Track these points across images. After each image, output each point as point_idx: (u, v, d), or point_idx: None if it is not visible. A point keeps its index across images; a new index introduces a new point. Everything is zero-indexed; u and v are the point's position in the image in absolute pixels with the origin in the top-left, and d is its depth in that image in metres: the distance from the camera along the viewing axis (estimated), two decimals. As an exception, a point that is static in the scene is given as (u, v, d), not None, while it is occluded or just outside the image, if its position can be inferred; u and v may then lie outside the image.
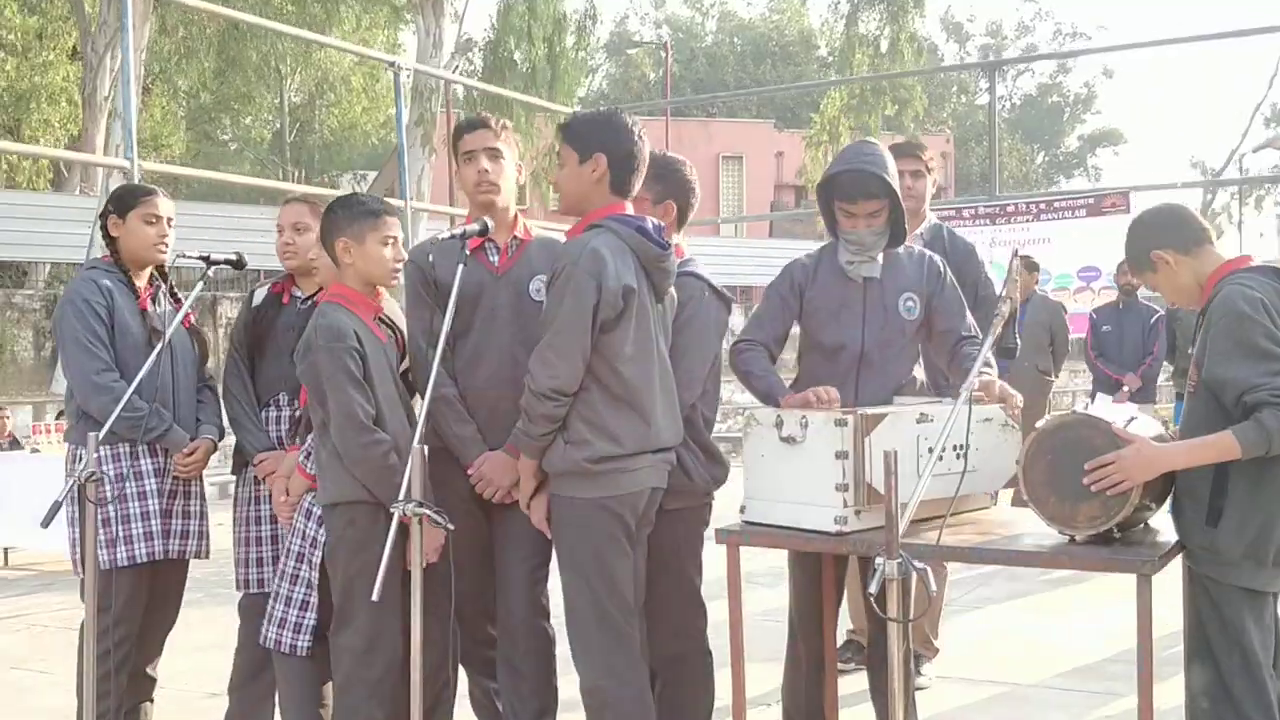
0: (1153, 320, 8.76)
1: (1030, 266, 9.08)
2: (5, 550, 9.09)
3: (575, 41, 22.69)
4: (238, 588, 4.13)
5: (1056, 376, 9.19)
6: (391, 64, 11.72)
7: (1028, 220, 12.14)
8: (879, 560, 2.71)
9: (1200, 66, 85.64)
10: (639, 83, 48.96)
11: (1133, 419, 3.14)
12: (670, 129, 36.32)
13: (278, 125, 38.13)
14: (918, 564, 2.73)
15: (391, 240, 3.62)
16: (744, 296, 32.63)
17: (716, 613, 3.72)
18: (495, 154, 3.75)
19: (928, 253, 4.05)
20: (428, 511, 3.16)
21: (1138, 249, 3.23)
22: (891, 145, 4.37)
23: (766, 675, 4.35)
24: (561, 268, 3.28)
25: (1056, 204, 12.11)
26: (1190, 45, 12.67)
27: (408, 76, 12.41)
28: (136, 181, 9.08)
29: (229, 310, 19.16)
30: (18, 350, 19.12)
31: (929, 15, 32.41)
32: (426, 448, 3.75)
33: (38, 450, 9.08)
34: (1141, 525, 3.15)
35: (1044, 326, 8.94)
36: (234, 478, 4.25)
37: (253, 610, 4.02)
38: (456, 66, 21.58)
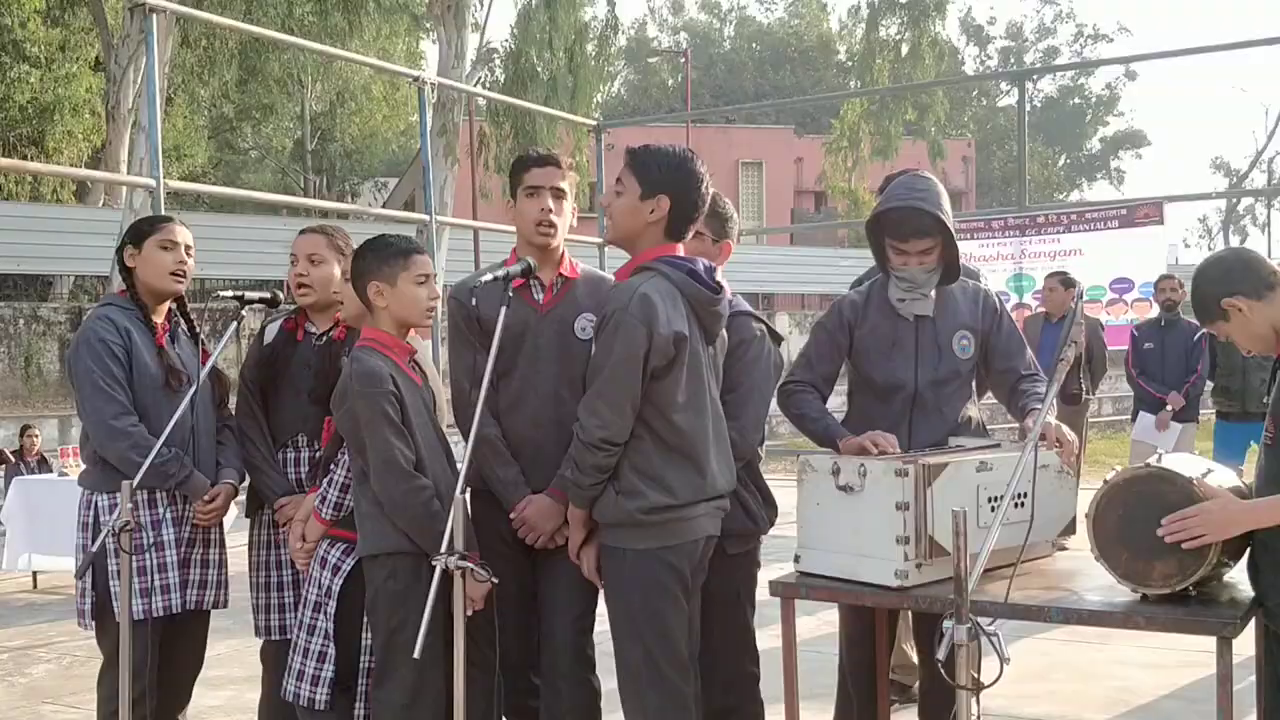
0: (1195, 337, 8.56)
1: (1067, 283, 8.96)
2: (35, 574, 9.03)
3: (596, 50, 22.62)
4: (257, 634, 4.03)
5: (1094, 394, 9.06)
6: (415, 78, 11.63)
7: (1059, 232, 12.00)
8: (947, 624, 2.59)
9: (1224, 66, 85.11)
10: (658, 89, 48.92)
11: (1210, 471, 3.02)
12: (690, 136, 36.35)
13: (299, 134, 38.20)
14: (988, 627, 2.62)
15: (424, 279, 3.52)
16: (765, 304, 32.50)
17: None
18: (560, 194, 3.63)
19: (983, 288, 3.93)
20: (471, 565, 3.07)
21: (1207, 298, 3.07)
22: (898, 173, 4.25)
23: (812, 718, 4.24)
24: (611, 313, 3.17)
25: (1088, 215, 11.97)
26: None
27: (431, 90, 12.33)
28: (162, 199, 9.08)
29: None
30: (44, 364, 19.14)
31: (949, 17, 32.17)
32: (469, 492, 3.68)
33: (65, 474, 9.00)
34: (1216, 581, 3.03)
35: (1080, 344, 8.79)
36: (247, 520, 4.12)
37: (275, 658, 3.92)
38: (478, 79, 21.52)
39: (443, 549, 3.08)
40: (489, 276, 3.35)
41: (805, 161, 40.25)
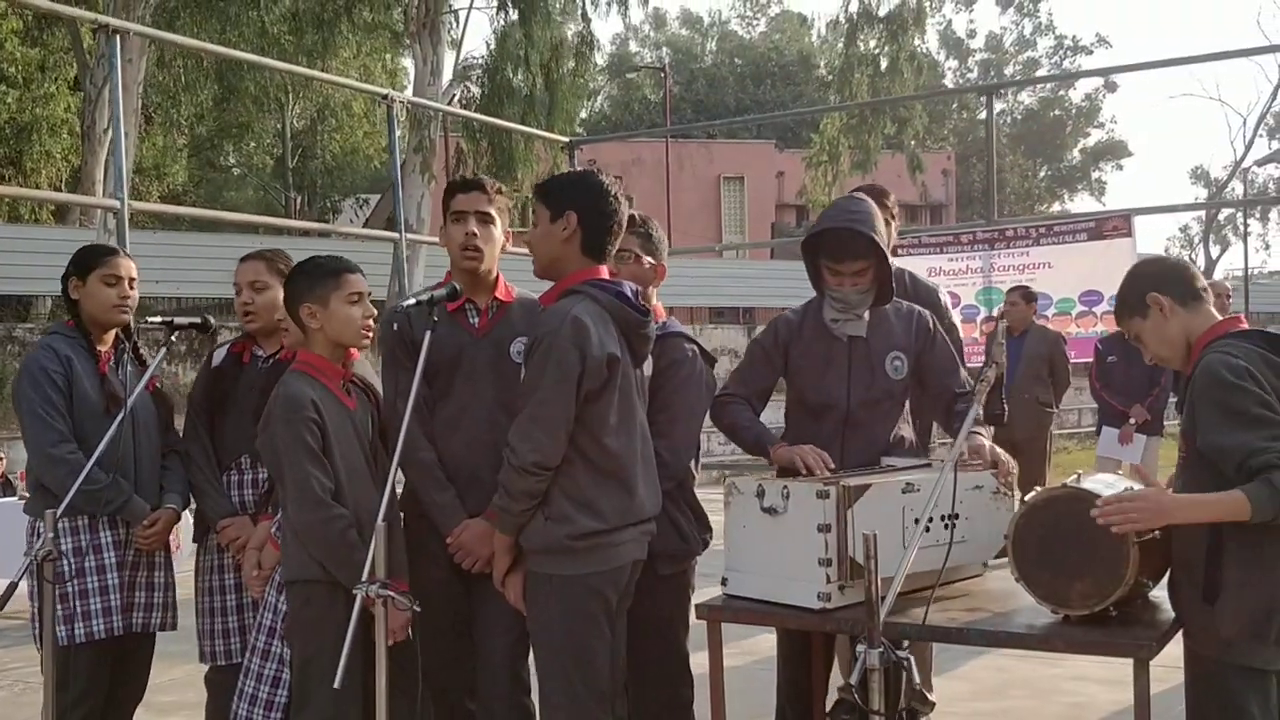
0: (1157, 350, 8.58)
1: (1028, 297, 8.96)
2: (-3, 598, 8.93)
3: (574, 67, 22.63)
4: (202, 659, 4.01)
5: (1057, 408, 9.06)
6: (384, 97, 11.60)
7: (1028, 244, 11.98)
8: (860, 649, 2.59)
9: (1202, 76, 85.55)
10: (640, 104, 48.96)
11: (1128, 489, 3.01)
12: (671, 150, 36.41)
13: (279, 151, 38.15)
14: (901, 653, 2.61)
15: (357, 297, 3.50)
16: (747, 317, 32.53)
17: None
18: (485, 218, 3.62)
19: (916, 309, 3.94)
20: (391, 594, 3.05)
21: (1135, 290, 3.09)
22: (857, 189, 4.29)
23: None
24: (542, 337, 3.16)
25: (1057, 228, 11.95)
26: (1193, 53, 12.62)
27: (401, 108, 12.32)
28: (126, 222, 9.04)
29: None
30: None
31: (928, 31, 32.24)
32: (403, 516, 3.67)
33: (26, 497, 8.93)
34: (1139, 601, 3.02)
35: (1043, 359, 8.81)
36: (194, 545, 4.11)
37: (221, 684, 3.90)
38: (454, 96, 21.52)
39: (363, 577, 3.07)
40: (412, 301, 3.34)
41: (787, 175, 40.34)
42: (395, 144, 11.32)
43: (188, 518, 4.16)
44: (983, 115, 48.64)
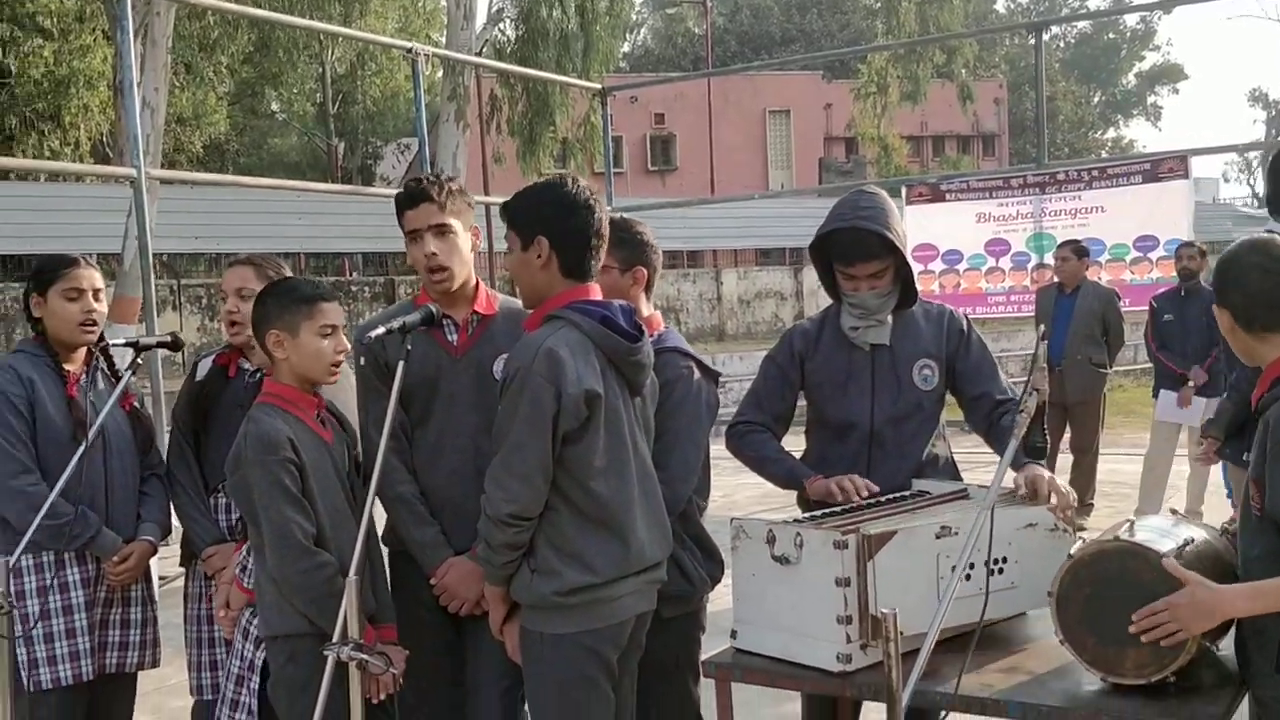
0: (1217, 307, 8.06)
1: (1080, 252, 8.47)
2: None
3: (610, 5, 22.03)
4: (191, 693, 3.77)
5: (1111, 368, 8.59)
6: (408, 50, 11.21)
7: (1080, 188, 11.46)
8: (881, 739, 2.27)
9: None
10: (684, 37, 48.12)
11: (1190, 542, 2.62)
12: (715, 84, 35.65)
13: (320, 97, 37.82)
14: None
15: (330, 330, 3.17)
16: (794, 258, 31.95)
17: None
18: (443, 230, 3.25)
19: (948, 309, 3.55)
20: (365, 657, 2.77)
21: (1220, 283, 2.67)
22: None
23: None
24: (514, 372, 2.81)
25: (1111, 170, 11.41)
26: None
27: (426, 61, 11.93)
28: (144, 191, 8.76)
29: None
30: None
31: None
32: (386, 554, 3.37)
33: None
34: (1200, 665, 2.65)
35: (1096, 316, 8.33)
36: (182, 570, 3.85)
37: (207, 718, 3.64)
38: (487, 39, 21.02)
39: (335, 636, 2.80)
40: (382, 329, 3.00)
41: (835, 107, 39.53)
42: (421, 99, 10.96)
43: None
44: (1034, 41, 47.42)
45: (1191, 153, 10.92)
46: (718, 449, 3.42)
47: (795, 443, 3.55)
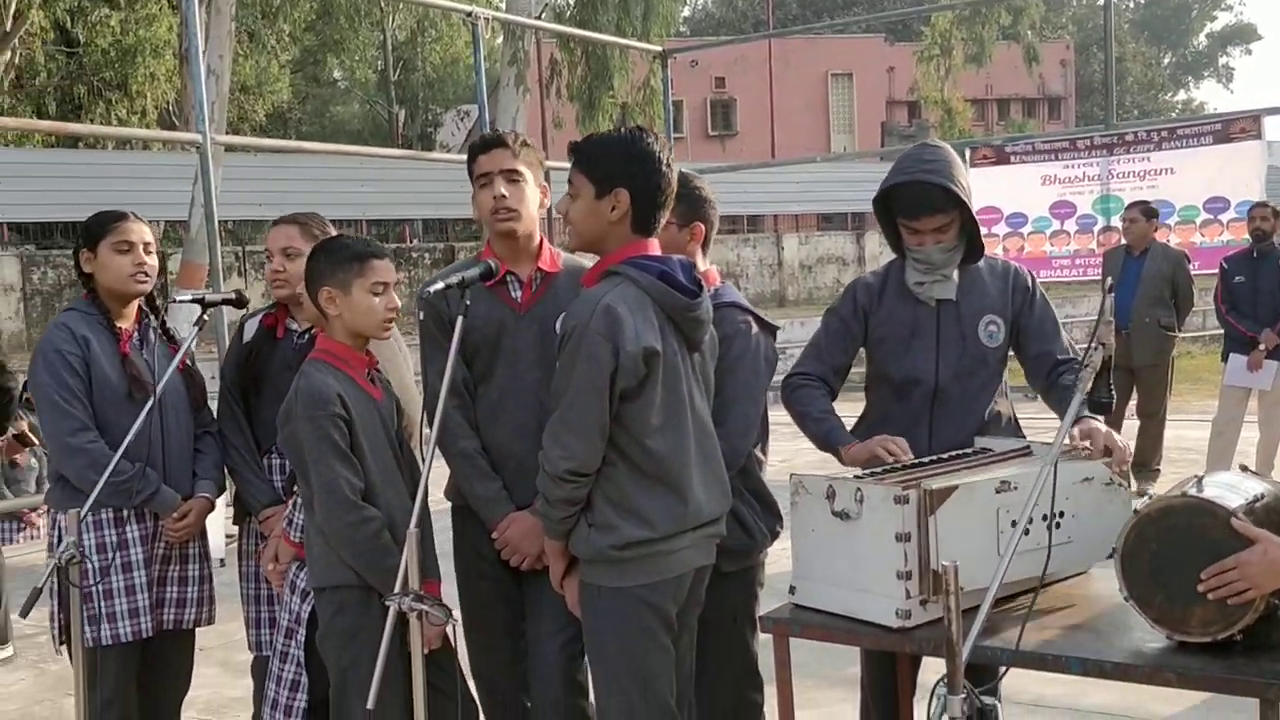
0: (1291, 268, 7.87)
1: (1148, 213, 8.32)
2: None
3: (670, -32, 21.91)
4: (249, 648, 3.82)
5: (1180, 331, 8.45)
6: (468, 14, 11.22)
7: (1149, 149, 11.26)
8: (939, 691, 2.25)
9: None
10: (744, 0, 47.68)
11: (1261, 498, 2.58)
12: (776, 47, 35.38)
13: (382, 65, 38.01)
14: (987, 700, 2.27)
15: (382, 287, 3.20)
16: (856, 223, 31.70)
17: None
18: (513, 176, 3.27)
19: (1014, 265, 3.50)
20: (426, 608, 2.80)
21: None
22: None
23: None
24: (572, 329, 2.80)
25: (1180, 131, 11.20)
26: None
27: (486, 24, 11.93)
28: (209, 156, 8.86)
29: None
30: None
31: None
32: (450, 509, 3.39)
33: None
34: (1269, 621, 2.61)
35: (1164, 278, 8.18)
36: (235, 529, 3.89)
37: (266, 673, 3.70)
38: (547, 3, 20.97)
39: (396, 588, 2.82)
40: (441, 284, 3.00)
41: (898, 70, 39.08)
42: (480, 63, 10.98)
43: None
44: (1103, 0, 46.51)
45: (1266, 112, 10.67)
46: (778, 411, 3.41)
47: (846, 408, 3.51)
